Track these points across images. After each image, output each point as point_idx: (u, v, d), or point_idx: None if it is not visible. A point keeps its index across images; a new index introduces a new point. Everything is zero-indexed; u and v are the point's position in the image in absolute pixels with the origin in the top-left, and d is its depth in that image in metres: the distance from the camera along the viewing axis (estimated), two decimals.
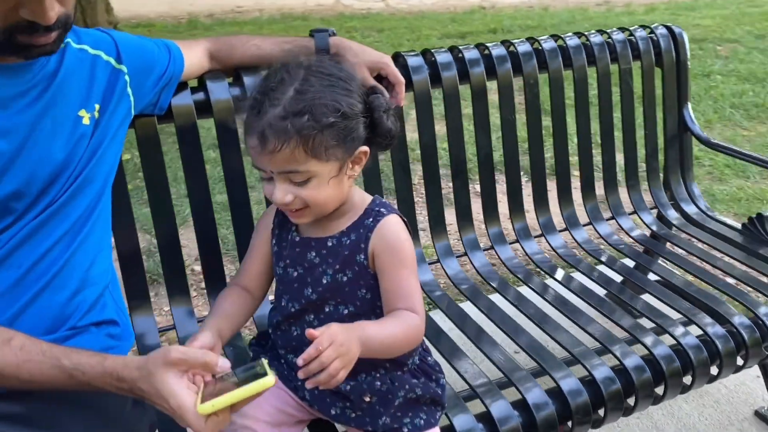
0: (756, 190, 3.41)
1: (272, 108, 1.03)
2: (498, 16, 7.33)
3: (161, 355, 0.96)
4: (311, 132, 1.03)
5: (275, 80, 1.07)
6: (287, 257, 1.19)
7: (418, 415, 1.19)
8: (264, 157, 1.05)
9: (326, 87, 1.06)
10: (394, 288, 1.13)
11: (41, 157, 1.14)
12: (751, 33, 6.13)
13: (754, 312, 1.65)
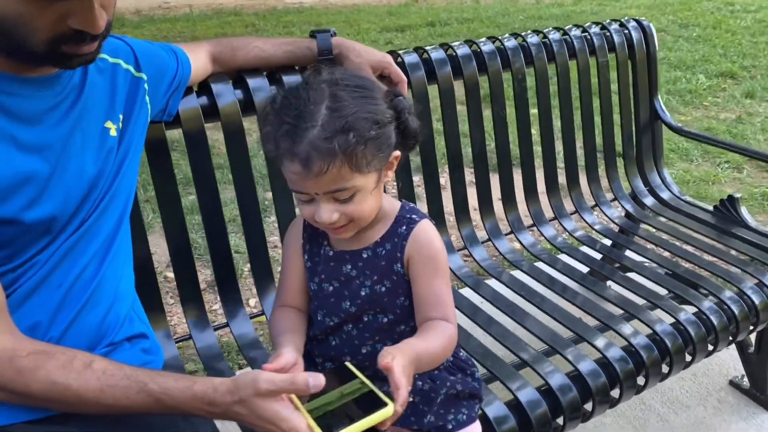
0: (700, 172, 3.61)
1: (310, 130, 0.99)
2: (433, 9, 7.41)
3: (250, 385, 0.92)
4: (356, 148, 1.00)
5: (301, 100, 1.02)
6: (321, 272, 1.17)
7: (459, 410, 1.21)
8: (309, 181, 1.01)
9: (358, 99, 1.03)
10: (429, 297, 1.13)
11: (75, 174, 1.10)
12: (674, 22, 6.45)
13: (738, 287, 1.77)
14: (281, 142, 1.01)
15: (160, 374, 0.99)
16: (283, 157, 1.02)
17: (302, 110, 1.00)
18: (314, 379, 0.91)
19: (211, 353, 1.53)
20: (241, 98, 1.55)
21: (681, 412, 2.08)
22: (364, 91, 1.05)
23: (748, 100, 4.58)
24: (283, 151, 1.01)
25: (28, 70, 1.04)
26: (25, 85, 1.04)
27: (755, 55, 5.43)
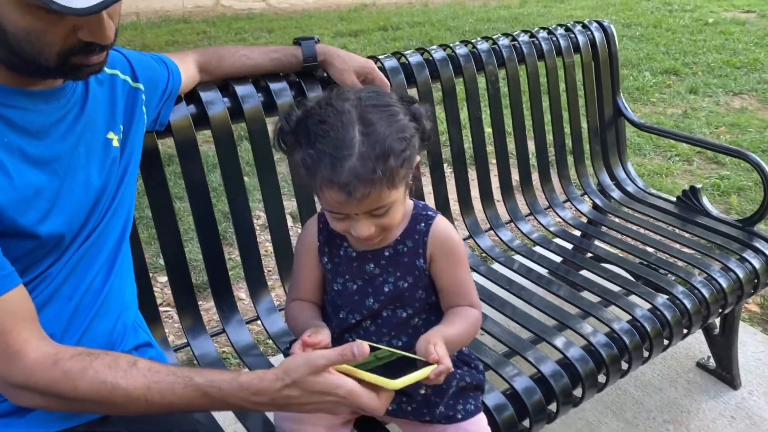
0: (654, 166, 3.76)
1: (349, 159, 1.00)
2: (383, 13, 7.48)
3: (304, 365, 0.97)
4: (396, 170, 1.04)
5: (332, 125, 1.03)
6: (345, 273, 1.21)
7: (467, 401, 1.26)
8: (350, 206, 1.04)
9: (386, 119, 1.05)
10: (454, 287, 1.21)
11: (82, 186, 1.11)
12: (617, 22, 6.68)
13: (706, 272, 1.87)
14: (320, 170, 1.02)
15: (204, 369, 1.02)
16: (323, 185, 1.03)
17: (336, 138, 1.01)
18: (359, 348, 0.98)
19: (210, 360, 1.54)
20: (229, 106, 1.56)
21: (654, 395, 2.18)
22: (389, 109, 1.07)
23: (692, 95, 4.79)
24: (322, 180, 1.02)
25: (33, 84, 1.04)
26: (31, 98, 1.04)
27: (695, 52, 5.68)
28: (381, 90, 1.13)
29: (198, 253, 2.68)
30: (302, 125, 1.06)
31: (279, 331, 1.63)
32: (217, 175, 3.29)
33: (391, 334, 1.22)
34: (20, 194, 1.00)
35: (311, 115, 1.06)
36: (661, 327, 1.69)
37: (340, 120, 1.03)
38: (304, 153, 1.04)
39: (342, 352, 0.97)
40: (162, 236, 1.51)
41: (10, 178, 0.99)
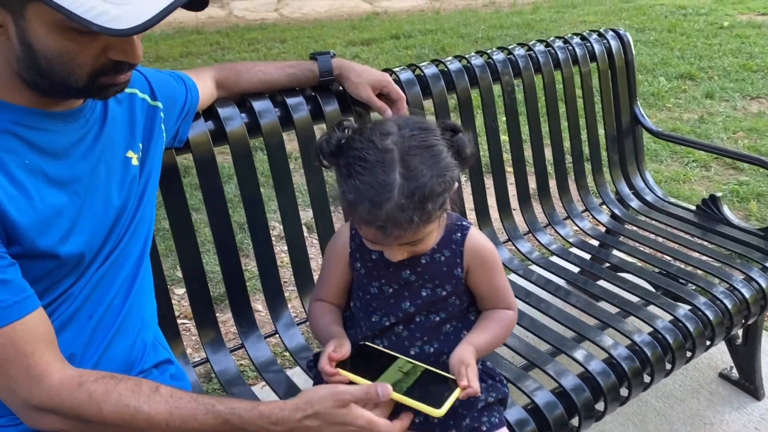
0: (671, 172, 3.73)
1: (387, 202, 1.02)
2: (395, 22, 7.48)
3: (330, 398, 1.00)
4: (431, 213, 1.05)
5: (372, 165, 1.03)
6: (381, 277, 1.23)
7: (492, 414, 1.26)
8: (387, 240, 1.09)
9: (430, 160, 1.05)
10: (493, 294, 1.26)
11: (102, 205, 1.12)
12: (631, 27, 6.64)
13: (728, 282, 1.84)
14: (359, 210, 1.04)
15: (224, 397, 1.02)
16: (361, 222, 1.07)
17: (377, 180, 1.02)
18: (383, 389, 1.03)
19: (229, 376, 1.53)
20: (247, 121, 1.57)
21: (676, 406, 2.15)
22: (432, 149, 1.06)
23: (708, 100, 4.75)
24: (361, 219, 1.06)
25: (53, 105, 1.05)
26: (50, 119, 1.04)
27: (710, 56, 5.63)
28: (424, 124, 1.11)
29: (215, 265, 2.69)
30: (342, 154, 1.09)
31: (297, 346, 1.63)
32: (233, 185, 3.30)
33: (423, 339, 1.23)
34: (41, 216, 1.00)
35: (352, 148, 1.07)
36: (683, 339, 1.67)
37: (382, 160, 1.03)
38: (344, 187, 1.06)
39: (367, 391, 1.02)
40: (180, 249, 1.51)
41: (30, 199, 0.99)
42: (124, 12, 0.89)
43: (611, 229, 2.24)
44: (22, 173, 0.99)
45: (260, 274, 1.63)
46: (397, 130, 1.07)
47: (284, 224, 1.65)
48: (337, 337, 1.20)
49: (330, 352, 1.13)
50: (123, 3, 0.90)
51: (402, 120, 1.11)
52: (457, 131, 1.13)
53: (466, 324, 1.28)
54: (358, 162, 1.05)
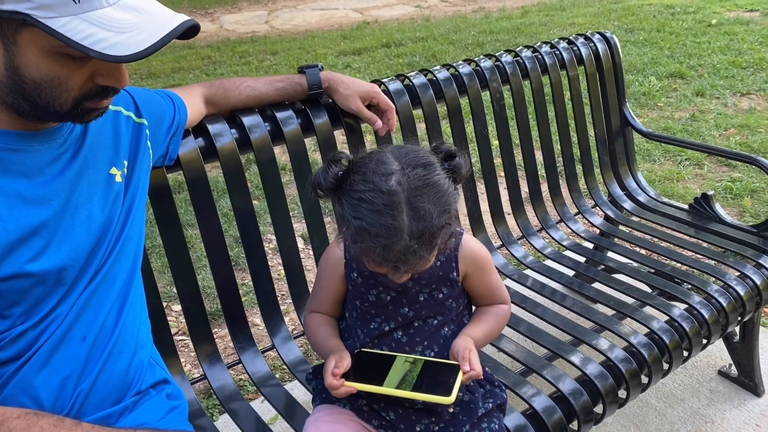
0: (664, 171, 3.74)
1: (397, 244, 1.05)
2: (386, 30, 7.51)
3: None
4: (437, 245, 1.10)
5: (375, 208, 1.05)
6: (379, 284, 1.24)
7: (492, 420, 1.28)
8: (395, 275, 1.12)
9: (434, 197, 1.07)
10: (488, 292, 1.31)
11: (83, 222, 1.11)
12: (621, 28, 6.68)
13: (722, 281, 1.85)
14: (370, 252, 1.07)
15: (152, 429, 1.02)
16: (372, 261, 1.10)
17: (385, 225, 1.04)
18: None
19: (228, 392, 1.53)
20: (237, 137, 1.57)
21: (676, 405, 2.15)
22: (435, 186, 1.08)
23: (699, 98, 4.77)
24: (373, 259, 1.09)
25: (31, 126, 1.05)
26: (26, 139, 1.05)
27: (700, 54, 5.66)
28: (423, 159, 1.11)
29: (211, 281, 2.69)
30: (341, 189, 1.10)
31: (295, 359, 1.63)
32: (227, 200, 3.31)
33: (423, 344, 1.25)
34: (13, 236, 1.00)
35: (353, 189, 1.08)
36: (679, 339, 1.67)
37: (389, 204, 1.04)
38: (351, 227, 1.07)
39: None
40: (174, 266, 1.51)
41: (2, 221, 0.99)
42: (123, 39, 0.90)
43: (605, 231, 2.25)
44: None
45: (256, 288, 1.63)
46: (399, 168, 1.08)
47: (278, 237, 1.66)
48: (336, 350, 1.22)
49: (332, 369, 1.16)
50: (121, 31, 0.91)
51: (401, 155, 1.11)
52: (453, 156, 1.15)
53: (463, 327, 1.31)
54: (362, 204, 1.06)
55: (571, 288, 1.93)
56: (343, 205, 1.10)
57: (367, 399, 1.25)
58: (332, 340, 1.28)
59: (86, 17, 0.90)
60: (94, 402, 1.12)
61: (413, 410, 1.23)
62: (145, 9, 0.95)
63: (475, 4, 8.99)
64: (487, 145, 2.02)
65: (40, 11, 0.88)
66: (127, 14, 0.93)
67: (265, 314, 1.65)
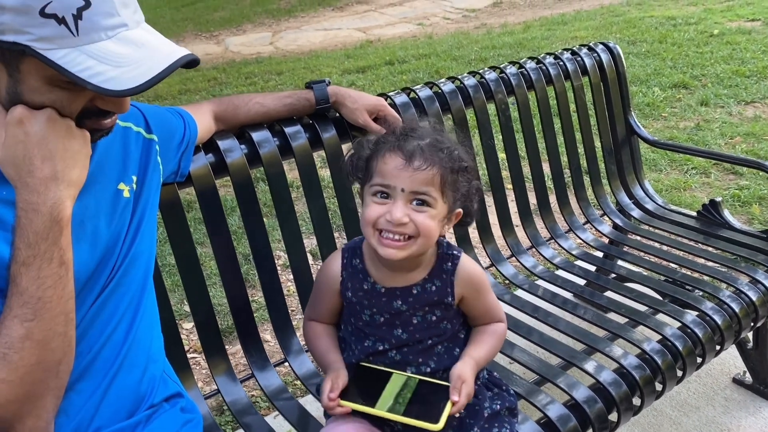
0: (671, 180, 3.74)
1: (419, 140, 1.16)
2: (389, 48, 7.57)
3: None
4: (452, 165, 1.16)
5: (406, 129, 1.20)
6: (373, 306, 1.25)
7: (502, 425, 1.27)
8: (404, 173, 1.13)
9: (458, 144, 1.21)
10: (485, 313, 1.31)
11: (89, 238, 1.12)
12: (623, 40, 6.70)
13: (734, 286, 1.85)
14: (389, 141, 1.17)
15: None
16: (387, 151, 1.16)
17: (413, 127, 1.20)
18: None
19: (241, 406, 1.53)
20: (247, 152, 1.59)
21: (692, 414, 2.14)
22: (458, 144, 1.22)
23: (704, 107, 4.77)
24: (388, 146, 1.16)
25: None
26: None
27: (702, 64, 5.67)
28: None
29: (222, 297, 2.70)
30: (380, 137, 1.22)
31: (307, 372, 1.63)
32: (236, 217, 3.32)
33: (419, 361, 1.25)
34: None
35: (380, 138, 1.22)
36: (692, 345, 1.67)
37: (419, 127, 1.21)
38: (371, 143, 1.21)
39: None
40: (187, 284, 1.52)
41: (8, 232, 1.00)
42: (120, 74, 0.92)
43: (614, 239, 2.25)
44: (2, 208, 1.00)
45: (267, 303, 1.64)
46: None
47: (289, 253, 1.67)
48: (333, 368, 1.23)
49: (328, 392, 1.18)
50: (119, 65, 0.92)
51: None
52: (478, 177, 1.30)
53: (457, 343, 1.30)
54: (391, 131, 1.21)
55: (583, 297, 1.93)
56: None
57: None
58: (331, 355, 1.28)
59: (85, 50, 0.92)
60: (107, 415, 1.12)
61: None
62: (145, 43, 0.96)
63: (477, 20, 9.06)
64: (493, 156, 2.03)
65: (39, 43, 0.90)
66: (126, 48, 0.94)
67: (277, 328, 1.66)
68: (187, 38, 8.99)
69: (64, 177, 0.99)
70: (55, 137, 0.98)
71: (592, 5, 8.95)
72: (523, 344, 1.72)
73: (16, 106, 0.97)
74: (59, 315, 0.99)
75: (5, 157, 0.98)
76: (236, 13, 10.37)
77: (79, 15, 0.90)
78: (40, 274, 0.97)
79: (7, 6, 0.88)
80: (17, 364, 0.95)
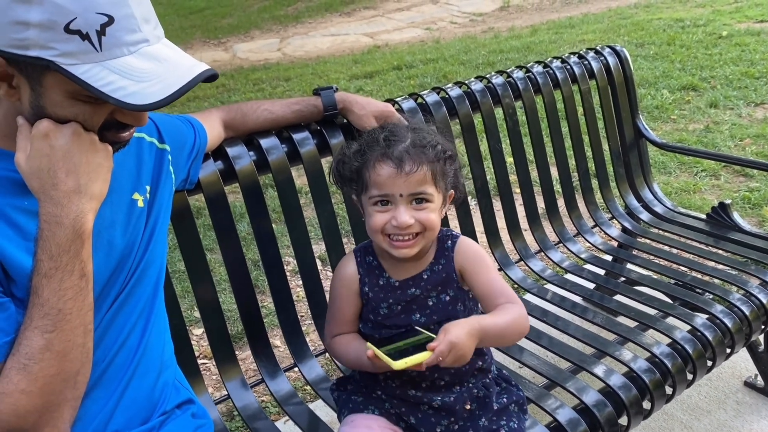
0: (680, 183, 3.73)
1: (402, 142, 1.22)
2: (396, 53, 7.58)
3: None
4: (438, 160, 1.22)
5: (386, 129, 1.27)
6: (389, 298, 1.30)
7: (511, 418, 1.30)
8: (398, 180, 1.19)
9: (435, 133, 1.29)
10: (490, 290, 1.29)
11: (104, 247, 1.13)
12: (630, 42, 6.69)
13: (744, 289, 1.84)
14: (375, 150, 1.22)
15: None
16: (376, 161, 1.22)
17: (392, 131, 1.26)
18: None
19: (251, 411, 1.54)
20: (255, 159, 1.60)
21: (703, 418, 2.13)
22: (435, 135, 1.29)
23: (713, 109, 4.75)
24: (376, 156, 1.22)
25: None
26: None
27: (711, 66, 5.65)
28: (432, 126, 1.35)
29: (231, 303, 2.71)
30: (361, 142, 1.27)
31: (317, 377, 1.64)
32: (245, 224, 3.34)
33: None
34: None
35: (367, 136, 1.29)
36: (703, 348, 1.66)
37: (393, 131, 1.26)
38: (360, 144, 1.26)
39: None
40: (198, 290, 1.53)
41: (28, 241, 1.02)
42: (142, 89, 0.94)
43: (623, 243, 2.24)
44: (20, 216, 1.02)
45: (277, 309, 1.65)
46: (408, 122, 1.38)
47: (297, 258, 1.67)
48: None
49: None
50: (141, 80, 0.94)
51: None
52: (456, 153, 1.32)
53: None
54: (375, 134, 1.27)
55: (592, 300, 1.93)
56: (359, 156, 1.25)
57: (389, 403, 1.30)
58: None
59: (107, 65, 0.93)
60: (121, 422, 1.13)
61: (433, 413, 1.27)
62: (166, 58, 0.98)
63: (485, 24, 9.07)
64: (501, 160, 2.03)
65: (63, 58, 0.92)
66: (148, 63, 0.96)
67: (287, 333, 1.67)
68: (195, 45, 9.04)
69: (87, 190, 1.01)
70: (79, 151, 1.00)
71: (600, 8, 8.94)
72: (533, 348, 1.72)
73: (42, 120, 0.99)
74: (78, 326, 1.00)
75: (30, 170, 0.99)
76: (244, 20, 10.43)
77: (102, 31, 0.92)
78: (61, 286, 0.98)
79: (33, 22, 0.90)
80: (37, 374, 0.97)
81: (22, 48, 0.91)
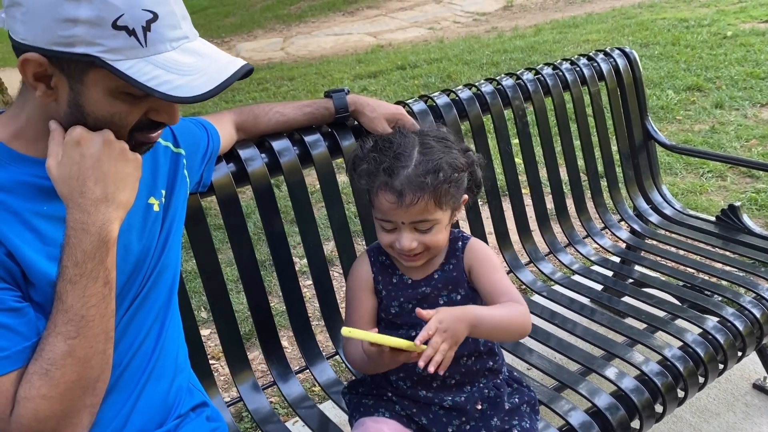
0: (686, 184, 3.72)
1: (405, 168, 1.20)
2: (400, 53, 7.58)
3: None
4: (442, 186, 1.20)
5: (395, 144, 1.24)
6: (401, 296, 1.32)
7: (523, 418, 1.31)
8: (399, 210, 1.20)
9: (444, 148, 1.24)
10: (494, 289, 1.29)
11: (120, 252, 1.12)
12: (635, 43, 6.68)
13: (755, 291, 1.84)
14: (379, 177, 1.22)
15: None
16: (379, 189, 1.22)
17: (398, 152, 1.22)
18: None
19: (263, 414, 1.54)
20: (267, 161, 1.60)
21: (712, 420, 2.13)
22: (446, 142, 1.27)
23: (718, 110, 4.75)
24: (379, 184, 1.22)
25: None
26: None
27: (717, 66, 5.64)
28: (441, 128, 1.35)
29: (239, 304, 2.72)
30: (371, 148, 1.27)
31: (328, 380, 1.64)
32: (252, 224, 3.34)
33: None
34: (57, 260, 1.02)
35: (382, 138, 1.29)
36: (714, 351, 1.66)
37: (404, 140, 1.25)
38: (367, 165, 1.24)
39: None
40: (209, 291, 1.53)
41: (47, 246, 1.02)
42: (187, 82, 0.95)
43: (632, 245, 2.24)
44: (40, 221, 1.03)
45: (287, 309, 1.65)
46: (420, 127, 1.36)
47: (308, 259, 1.68)
48: None
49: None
50: (186, 74, 0.95)
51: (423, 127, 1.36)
52: (468, 150, 1.32)
53: None
54: (384, 143, 1.26)
55: (601, 302, 1.93)
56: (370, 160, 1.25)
57: (400, 404, 1.31)
58: None
59: (152, 60, 0.95)
60: (138, 425, 1.14)
61: (445, 413, 1.28)
62: (206, 53, 1.00)
63: (488, 24, 9.07)
64: (511, 162, 2.03)
65: (109, 54, 0.93)
66: (190, 58, 0.97)
67: (297, 335, 1.67)
68: None
69: (114, 199, 1.02)
70: (108, 160, 1.01)
71: (604, 8, 8.93)
72: (541, 350, 1.73)
73: (75, 127, 1.00)
74: (101, 333, 1.01)
75: (60, 176, 1.00)
76: (247, 19, 10.44)
77: (148, 27, 0.93)
78: (85, 293, 0.99)
79: (82, 18, 0.91)
80: (59, 380, 0.97)
81: (67, 45, 0.92)
